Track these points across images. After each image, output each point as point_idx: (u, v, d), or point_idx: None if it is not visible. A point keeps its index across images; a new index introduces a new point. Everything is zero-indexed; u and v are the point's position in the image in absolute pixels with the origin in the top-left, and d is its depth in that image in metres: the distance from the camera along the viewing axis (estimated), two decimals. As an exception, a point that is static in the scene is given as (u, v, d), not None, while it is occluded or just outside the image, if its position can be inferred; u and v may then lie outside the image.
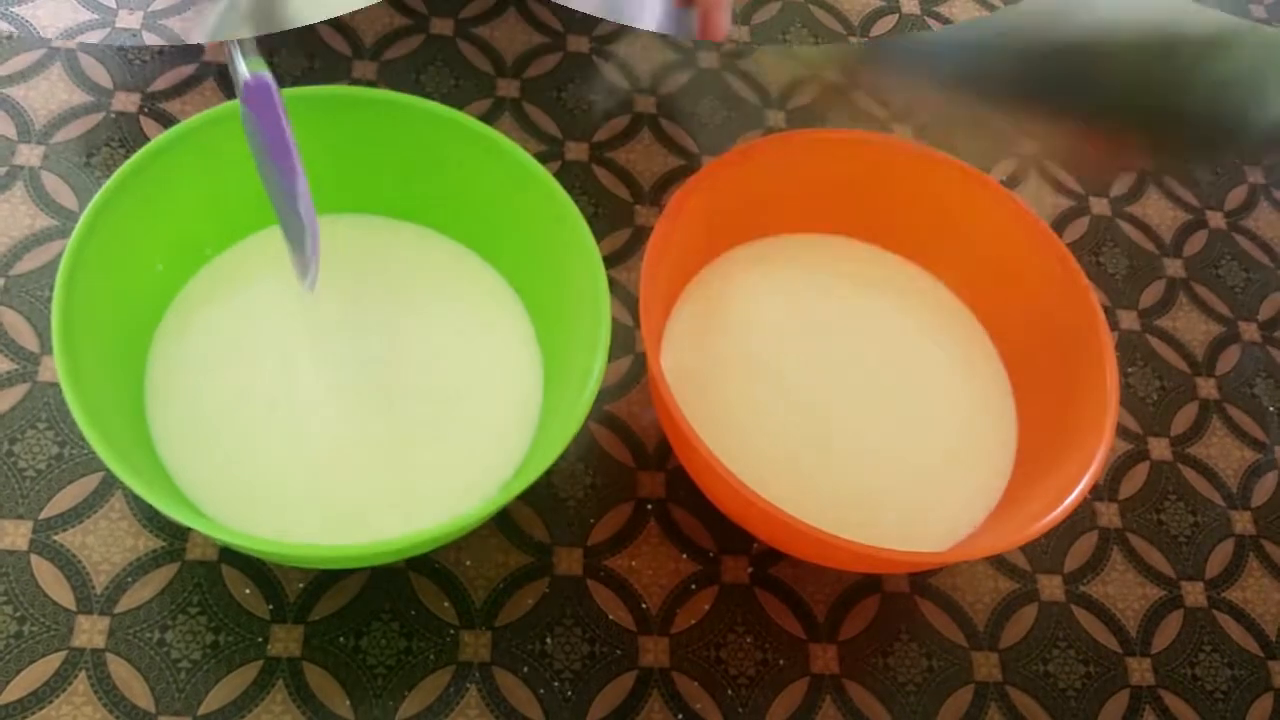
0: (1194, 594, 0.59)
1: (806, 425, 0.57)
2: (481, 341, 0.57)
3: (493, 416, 0.55)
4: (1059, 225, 0.70)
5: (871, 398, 0.59)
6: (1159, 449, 0.64)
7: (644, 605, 0.54)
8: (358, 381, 0.55)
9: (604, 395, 0.59)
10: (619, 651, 0.53)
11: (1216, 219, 0.73)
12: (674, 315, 0.59)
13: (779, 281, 0.62)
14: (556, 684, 0.51)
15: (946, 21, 0.79)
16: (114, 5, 0.66)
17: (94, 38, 0.64)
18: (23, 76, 0.63)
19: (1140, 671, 0.57)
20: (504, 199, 0.56)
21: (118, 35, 0.64)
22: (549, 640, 0.52)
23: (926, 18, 0.79)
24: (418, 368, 0.55)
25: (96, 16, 0.66)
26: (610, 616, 0.53)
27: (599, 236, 0.63)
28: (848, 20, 0.78)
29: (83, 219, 0.48)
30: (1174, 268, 0.70)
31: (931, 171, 0.59)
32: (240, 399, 0.53)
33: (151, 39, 0.63)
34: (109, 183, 0.49)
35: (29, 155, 0.60)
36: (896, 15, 0.78)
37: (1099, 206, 0.72)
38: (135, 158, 0.50)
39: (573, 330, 0.53)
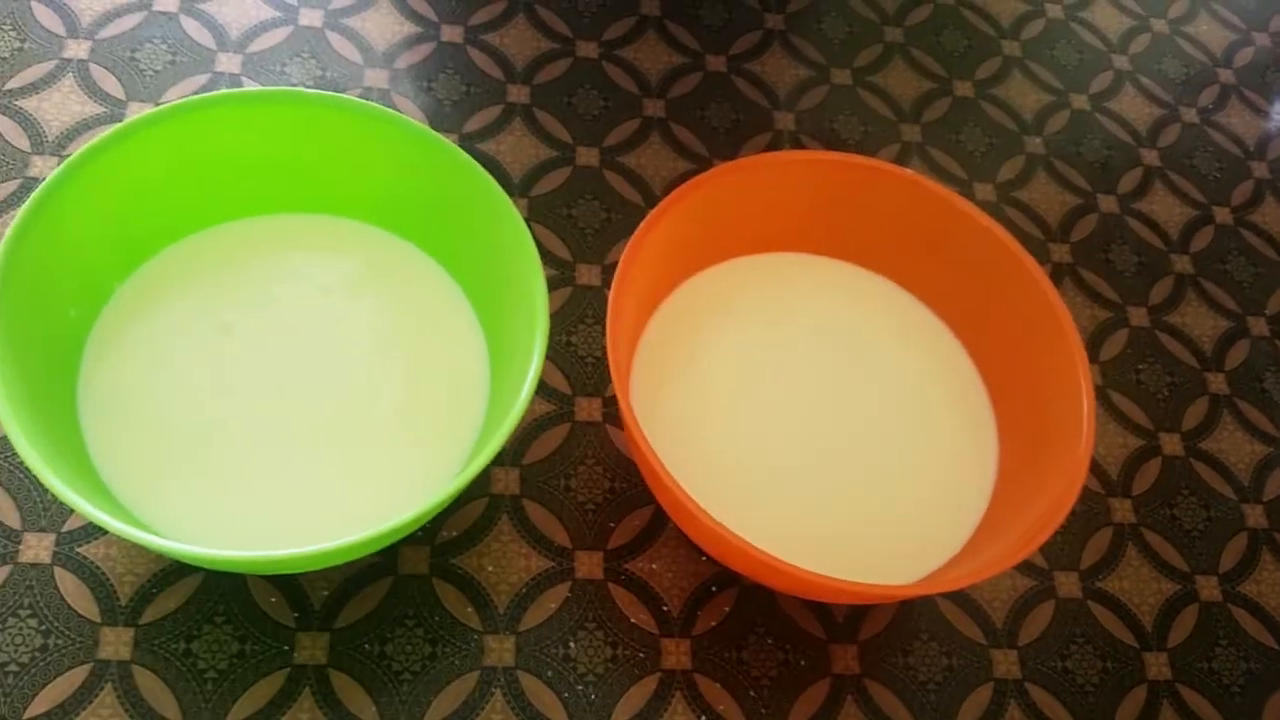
0: (1208, 588, 0.60)
1: (786, 450, 0.57)
2: (427, 335, 0.57)
3: (441, 410, 0.55)
4: (1067, 222, 0.71)
5: (851, 419, 0.59)
6: (1170, 444, 0.64)
7: (665, 608, 0.54)
8: (300, 385, 0.55)
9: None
10: (641, 654, 0.53)
11: (1223, 214, 0.73)
12: (642, 343, 0.59)
13: (748, 303, 0.61)
14: (580, 687, 0.52)
15: (1091, 27, 0.80)
16: None
17: (130, 22, 0.65)
18: (34, 88, 0.63)
19: (1157, 666, 0.57)
20: (444, 195, 0.56)
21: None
22: (572, 644, 0.53)
23: (1070, 23, 0.80)
24: (365, 364, 0.56)
25: None
26: (632, 619, 0.54)
27: (610, 241, 0.64)
28: (998, 23, 0.79)
29: None
30: (1182, 264, 0.71)
31: (905, 192, 0.59)
32: (177, 416, 0.53)
33: None
34: (6, 238, 0.48)
35: (43, 167, 0.60)
36: (1043, 19, 0.80)
37: (1107, 204, 0.72)
38: (25, 209, 0.49)
39: (514, 324, 0.53)
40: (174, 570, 0.51)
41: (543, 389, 0.59)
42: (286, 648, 0.50)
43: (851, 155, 0.60)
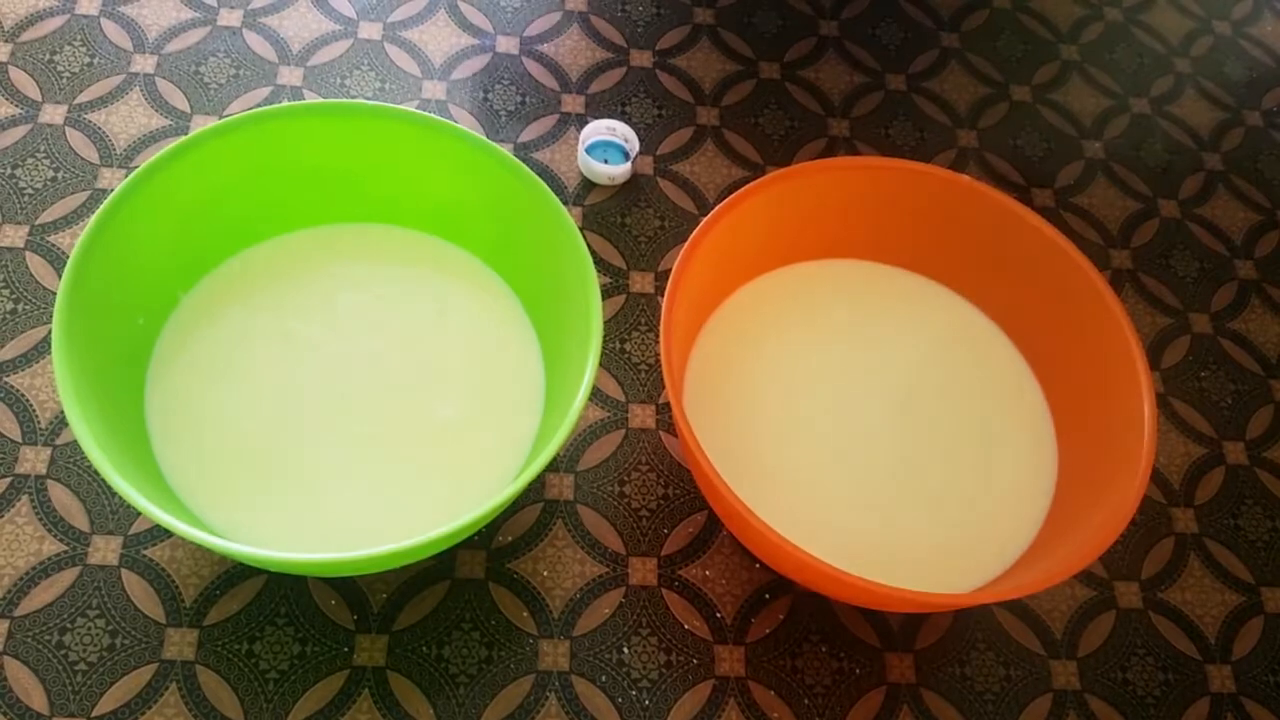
0: (1275, 600, 0.59)
1: (841, 458, 0.57)
2: (484, 342, 0.57)
3: (497, 416, 0.56)
4: (1128, 228, 0.70)
5: (908, 427, 0.58)
6: (1234, 453, 0.63)
7: (718, 614, 0.54)
8: (359, 392, 0.56)
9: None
10: (695, 660, 0.53)
11: (1288, 219, 0.72)
12: (695, 350, 0.59)
13: (801, 310, 0.61)
14: (634, 692, 0.52)
15: (1151, 30, 0.80)
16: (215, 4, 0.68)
17: (195, 37, 0.66)
18: (103, 102, 0.64)
19: (1221, 679, 0.56)
20: (500, 204, 0.56)
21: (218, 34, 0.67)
22: (626, 649, 0.53)
23: (1130, 26, 0.80)
24: (423, 371, 0.56)
25: (198, 14, 0.68)
26: (685, 626, 0.54)
27: (663, 249, 0.64)
28: (1056, 27, 0.79)
29: (60, 294, 0.48)
30: (1245, 269, 0.70)
31: (961, 198, 0.59)
32: (241, 421, 0.54)
33: None
34: (76, 249, 0.49)
35: (111, 179, 0.62)
36: (1103, 23, 0.80)
37: (1168, 208, 0.71)
38: (94, 220, 0.50)
39: (569, 331, 0.53)
40: (237, 573, 0.52)
41: (597, 396, 0.59)
42: (346, 649, 0.51)
43: (907, 161, 0.59)
